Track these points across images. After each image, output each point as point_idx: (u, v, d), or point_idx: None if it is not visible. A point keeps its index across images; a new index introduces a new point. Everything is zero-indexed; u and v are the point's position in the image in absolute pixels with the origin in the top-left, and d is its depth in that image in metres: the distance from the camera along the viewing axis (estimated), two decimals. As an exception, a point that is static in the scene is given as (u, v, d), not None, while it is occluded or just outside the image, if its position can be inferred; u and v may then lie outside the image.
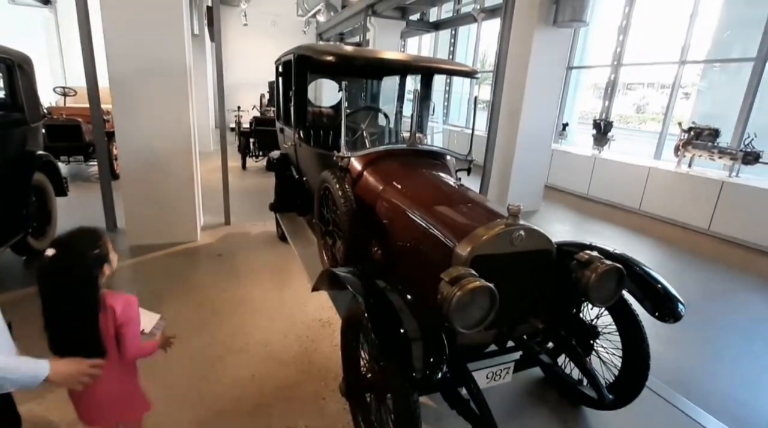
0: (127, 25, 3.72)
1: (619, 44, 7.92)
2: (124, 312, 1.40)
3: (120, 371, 1.48)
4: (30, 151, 3.62)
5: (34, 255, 3.71)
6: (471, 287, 1.50)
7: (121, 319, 1.39)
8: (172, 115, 4.01)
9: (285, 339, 2.76)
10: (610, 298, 1.87)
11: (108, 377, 1.39)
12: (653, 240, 5.52)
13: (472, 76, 2.97)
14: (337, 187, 2.36)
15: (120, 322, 1.39)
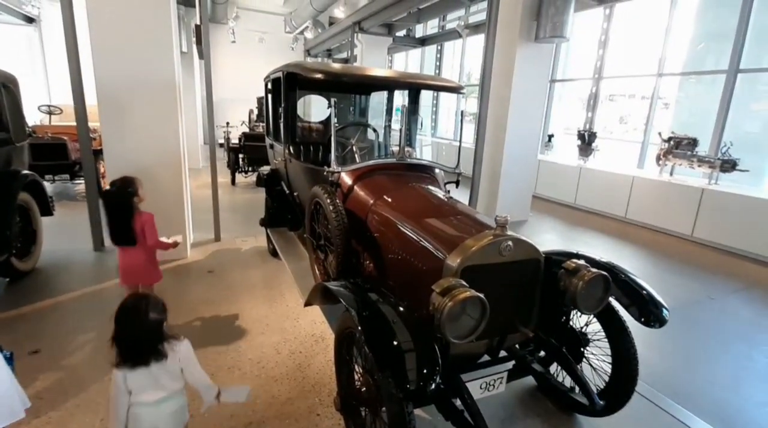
0: (116, 44, 3.75)
1: (599, 58, 8.20)
2: (146, 219, 2.61)
3: (144, 254, 2.67)
4: (14, 170, 3.58)
5: (19, 277, 3.63)
6: (462, 297, 1.53)
7: (144, 222, 2.59)
8: (161, 132, 4.02)
9: (278, 356, 2.74)
10: (597, 305, 1.92)
11: (137, 256, 2.64)
12: (639, 247, 5.63)
13: (457, 91, 3.06)
14: (328, 201, 2.39)
15: (143, 224, 2.58)
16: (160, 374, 1.56)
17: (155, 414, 1.57)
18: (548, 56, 6.26)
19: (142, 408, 1.55)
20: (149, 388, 1.55)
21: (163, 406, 1.59)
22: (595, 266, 1.97)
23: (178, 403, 1.64)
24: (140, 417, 1.55)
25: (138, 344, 1.51)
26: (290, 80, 3.28)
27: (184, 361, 1.62)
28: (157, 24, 3.85)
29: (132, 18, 3.75)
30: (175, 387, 1.62)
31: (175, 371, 1.60)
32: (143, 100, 3.91)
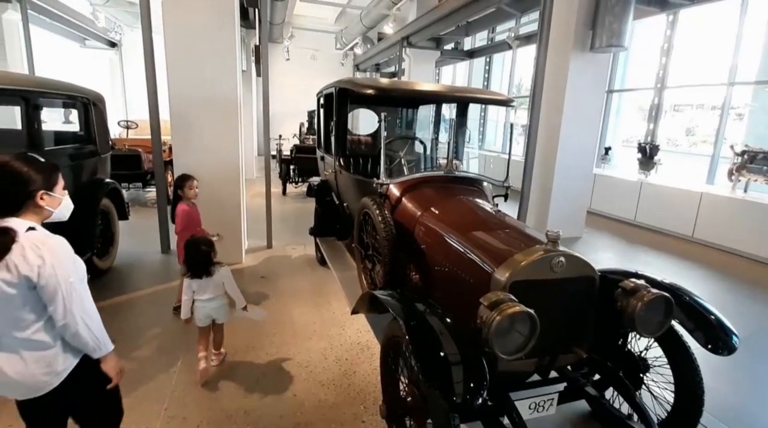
0: (188, 65, 4.12)
1: (661, 67, 7.75)
2: (179, 210, 3.22)
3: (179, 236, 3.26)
4: (99, 178, 4.01)
5: (98, 275, 4.03)
6: (510, 312, 1.51)
7: (177, 213, 3.23)
8: (223, 145, 4.33)
9: (325, 361, 2.82)
10: (658, 329, 1.81)
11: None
12: (707, 268, 5.19)
13: (507, 104, 3.04)
14: (377, 212, 2.46)
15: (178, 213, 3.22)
16: (210, 283, 2.57)
17: (207, 307, 2.58)
18: (605, 66, 6.02)
19: (199, 303, 2.57)
20: (204, 292, 2.57)
21: (211, 303, 2.59)
22: (656, 287, 1.87)
23: (220, 302, 2.64)
24: (198, 309, 2.58)
25: (196, 264, 2.55)
26: (342, 95, 3.43)
27: (225, 278, 2.61)
28: (224, 47, 4.19)
29: (203, 42, 4.11)
30: (218, 293, 2.62)
31: (218, 283, 2.60)
32: (209, 116, 4.25)
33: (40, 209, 1.38)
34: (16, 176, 1.33)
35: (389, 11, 10.66)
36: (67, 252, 1.35)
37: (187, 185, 3.22)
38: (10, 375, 1.33)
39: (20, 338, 1.32)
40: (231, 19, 4.21)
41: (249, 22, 9.94)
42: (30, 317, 1.32)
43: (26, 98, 3.06)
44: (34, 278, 1.26)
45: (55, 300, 1.30)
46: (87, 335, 1.38)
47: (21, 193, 1.34)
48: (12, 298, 1.27)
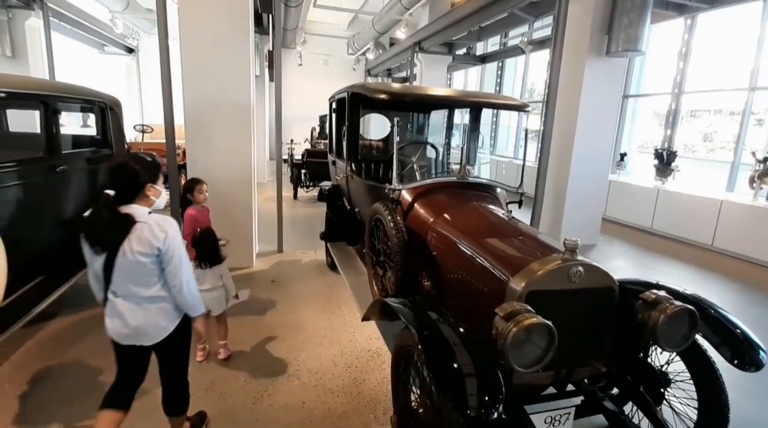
0: (203, 70, 4.16)
1: (679, 71, 7.60)
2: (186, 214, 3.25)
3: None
4: (115, 182, 4.06)
5: (111, 277, 4.07)
6: (527, 323, 1.46)
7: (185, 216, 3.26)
8: (235, 149, 4.36)
9: (335, 368, 2.78)
10: (681, 343, 1.73)
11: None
12: (728, 278, 5.03)
13: (522, 109, 2.99)
14: (389, 218, 2.43)
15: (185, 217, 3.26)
16: (208, 274, 2.72)
17: (204, 297, 2.15)
18: (621, 71, 5.91)
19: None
20: (202, 282, 2.62)
21: (208, 294, 2.62)
22: (679, 298, 1.80)
23: (217, 294, 2.74)
24: None
25: (204, 252, 2.72)
26: (354, 100, 3.42)
27: (223, 271, 2.79)
28: (238, 53, 4.23)
29: (217, 48, 4.15)
30: (216, 284, 2.75)
31: (216, 275, 2.75)
32: (222, 120, 4.28)
33: (147, 198, 1.75)
34: (132, 173, 1.70)
35: (401, 16, 10.68)
36: (177, 230, 1.75)
37: (196, 189, 3.24)
38: (146, 325, 1.75)
39: (146, 295, 1.73)
40: (245, 26, 4.25)
41: (263, 28, 10.05)
42: (155, 278, 1.73)
43: (45, 102, 3.12)
44: (161, 247, 1.67)
45: (170, 263, 1.71)
46: (188, 295, 1.80)
47: (135, 186, 1.71)
48: (144, 264, 1.67)
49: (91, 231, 1.66)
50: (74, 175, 3.45)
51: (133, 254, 1.63)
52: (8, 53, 8.31)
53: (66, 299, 3.42)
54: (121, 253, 1.63)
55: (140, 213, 1.68)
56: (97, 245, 1.65)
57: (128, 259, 1.64)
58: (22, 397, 2.39)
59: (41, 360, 2.76)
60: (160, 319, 1.78)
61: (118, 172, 1.70)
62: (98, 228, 1.65)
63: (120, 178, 1.70)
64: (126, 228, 1.63)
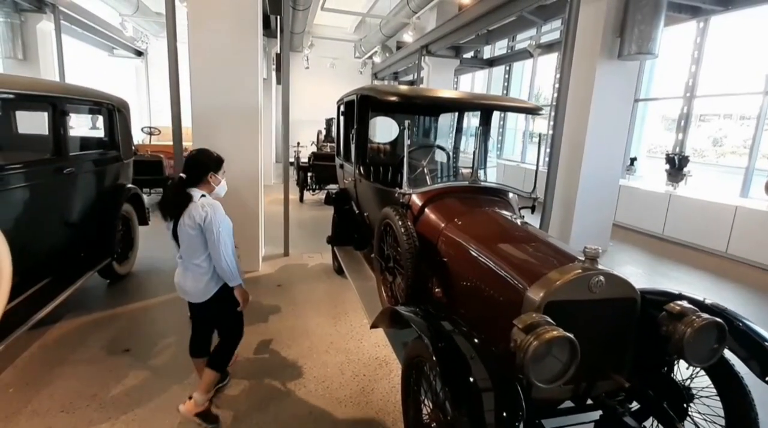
0: (211, 73, 4.14)
1: (691, 75, 7.49)
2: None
3: None
4: (121, 184, 4.04)
5: (117, 280, 4.04)
6: (549, 337, 1.39)
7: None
8: (242, 151, 4.32)
9: (342, 376, 2.72)
10: (708, 358, 1.65)
11: None
12: (744, 287, 4.90)
13: (536, 112, 2.92)
14: (399, 223, 2.37)
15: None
16: None
17: None
18: (633, 74, 5.81)
19: None
20: None
21: None
22: (703, 309, 1.71)
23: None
24: None
25: None
26: (364, 103, 3.37)
27: None
28: (246, 56, 4.20)
29: (226, 51, 4.13)
30: None
31: None
32: (229, 123, 4.25)
33: (208, 184, 2.18)
34: (200, 162, 2.16)
35: (409, 20, 10.66)
36: (220, 212, 2.11)
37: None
38: (190, 286, 2.18)
39: (195, 263, 2.14)
40: (254, 29, 4.22)
41: (270, 31, 10.07)
42: (200, 249, 2.12)
43: (53, 104, 3.10)
44: (201, 224, 2.05)
45: (210, 239, 2.08)
46: (226, 267, 2.14)
47: (201, 173, 2.14)
48: (193, 237, 2.08)
49: (162, 202, 2.15)
50: (81, 176, 3.43)
51: (185, 226, 2.06)
52: (20, 56, 8.40)
53: (71, 302, 3.39)
54: (180, 224, 2.08)
55: (196, 195, 2.10)
56: (163, 213, 2.13)
57: (182, 230, 2.08)
58: (26, 402, 2.35)
59: (46, 364, 2.72)
60: (201, 283, 2.17)
61: (191, 161, 2.16)
62: (164, 202, 2.14)
63: (191, 165, 2.15)
64: (184, 204, 2.06)
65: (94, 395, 2.43)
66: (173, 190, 2.11)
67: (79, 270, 3.41)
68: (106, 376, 2.60)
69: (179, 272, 2.22)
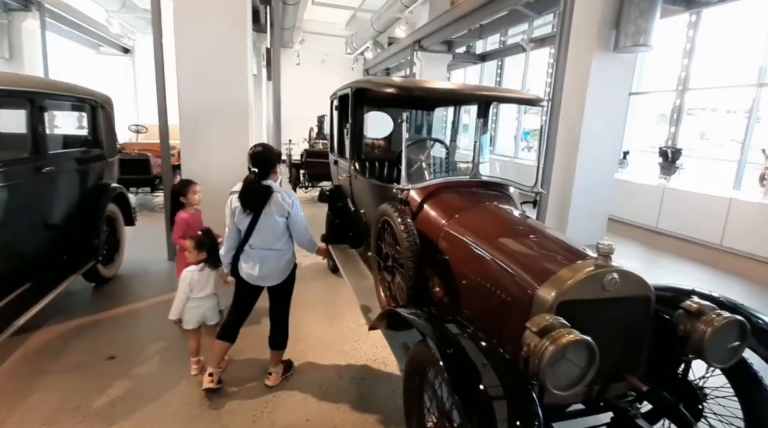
0: (198, 69, 4.00)
1: (683, 68, 7.47)
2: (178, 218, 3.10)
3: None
4: (105, 183, 3.87)
5: (103, 283, 3.88)
6: (565, 341, 1.30)
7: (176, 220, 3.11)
8: (232, 149, 4.18)
9: (339, 380, 2.61)
10: (730, 358, 1.57)
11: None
12: (742, 280, 4.90)
13: (536, 103, 2.83)
14: (399, 220, 2.26)
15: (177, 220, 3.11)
16: (211, 278, 2.54)
17: (202, 306, 2.55)
18: (629, 67, 5.76)
19: (194, 302, 2.52)
20: (203, 288, 2.52)
21: (206, 302, 2.56)
22: (720, 307, 1.64)
23: (214, 301, 2.60)
24: (191, 309, 2.52)
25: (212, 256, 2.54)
26: (358, 96, 3.25)
27: (215, 275, 2.59)
28: (235, 52, 4.07)
29: (214, 46, 3.99)
30: (214, 291, 2.57)
31: (217, 279, 2.59)
32: (218, 120, 4.11)
33: (275, 174, 2.39)
34: (269, 157, 2.36)
35: (401, 14, 10.54)
36: (296, 197, 2.41)
37: (189, 190, 3.07)
38: (272, 270, 2.40)
39: (277, 247, 2.38)
40: (243, 24, 4.08)
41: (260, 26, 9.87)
42: (282, 234, 2.38)
43: (32, 100, 2.93)
44: (290, 210, 2.33)
45: (296, 223, 2.39)
46: (307, 243, 2.53)
47: (270, 166, 2.35)
48: (280, 223, 2.34)
49: (246, 199, 2.26)
50: (62, 176, 3.26)
51: (272, 215, 2.28)
52: (6, 55, 8.18)
53: (54, 307, 3.23)
54: (264, 214, 2.27)
55: (275, 186, 2.33)
56: (249, 208, 2.27)
57: (269, 219, 2.29)
58: (6, 415, 2.20)
59: (26, 373, 2.57)
60: (283, 264, 2.42)
61: (260, 157, 2.32)
62: (251, 196, 2.26)
63: (262, 160, 2.32)
64: (268, 196, 2.28)
65: (77, 406, 2.29)
66: (256, 186, 2.26)
67: (62, 273, 3.24)
68: (90, 386, 2.46)
69: (250, 262, 2.36)
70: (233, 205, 2.30)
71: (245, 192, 2.27)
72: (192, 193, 3.08)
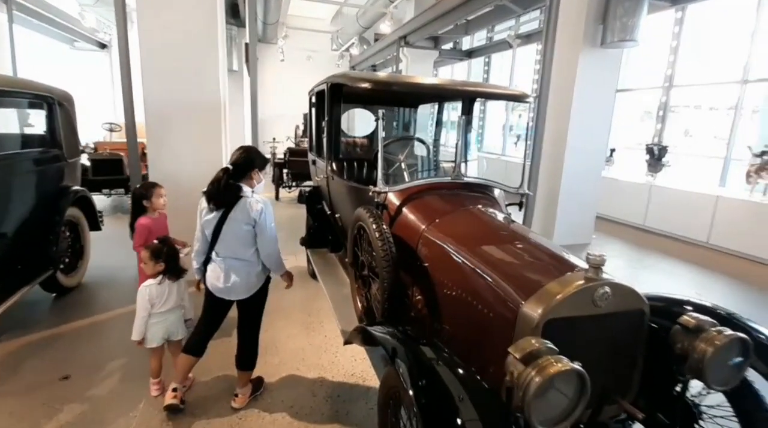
0: (165, 64, 3.73)
1: (669, 65, 7.43)
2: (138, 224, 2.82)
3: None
4: (65, 186, 3.62)
5: (64, 293, 3.63)
6: (553, 371, 1.13)
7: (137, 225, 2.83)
8: (204, 149, 3.94)
9: (313, 399, 2.42)
10: (732, 379, 1.43)
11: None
12: (728, 277, 4.84)
13: (522, 100, 2.67)
14: (374, 227, 2.08)
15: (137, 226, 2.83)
16: (174, 290, 2.34)
17: (167, 321, 2.34)
18: (616, 63, 5.66)
19: (157, 317, 2.31)
20: (166, 301, 2.31)
21: (171, 315, 2.36)
22: (719, 320, 1.50)
23: (179, 314, 2.40)
24: (154, 325, 2.31)
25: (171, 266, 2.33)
26: (335, 91, 3.05)
27: (182, 287, 2.40)
28: (206, 44, 3.81)
29: (182, 38, 3.73)
30: (178, 303, 2.38)
31: (181, 290, 2.39)
32: (188, 118, 3.86)
33: (251, 179, 2.21)
34: (248, 158, 2.19)
35: (386, 9, 10.33)
36: (270, 209, 2.18)
37: (153, 193, 2.80)
38: (238, 282, 2.18)
39: (244, 259, 2.18)
40: (213, 13, 3.83)
41: (240, 20, 9.57)
42: (250, 244, 2.18)
43: (-24, 96, 2.68)
44: (257, 219, 2.11)
45: (263, 234, 2.15)
46: (274, 259, 2.26)
47: (248, 168, 2.18)
48: (245, 231, 2.13)
49: (211, 192, 2.12)
50: (13, 178, 3.01)
51: (237, 221, 2.10)
52: (-29, 52, 7.70)
53: (7, 320, 2.99)
54: (229, 219, 2.11)
55: (246, 190, 2.15)
56: (213, 202, 2.11)
57: (233, 225, 2.11)
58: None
59: (-34, 398, 2.33)
60: (252, 277, 2.22)
61: (239, 157, 2.19)
62: (215, 190, 2.11)
63: (239, 160, 2.18)
64: (235, 194, 2.11)
65: (25, 435, 2.07)
66: (224, 181, 2.10)
67: (15, 284, 3.00)
68: (39, 412, 2.24)
69: (217, 271, 2.19)
70: (202, 204, 2.18)
71: (211, 185, 2.13)
72: (157, 197, 2.80)
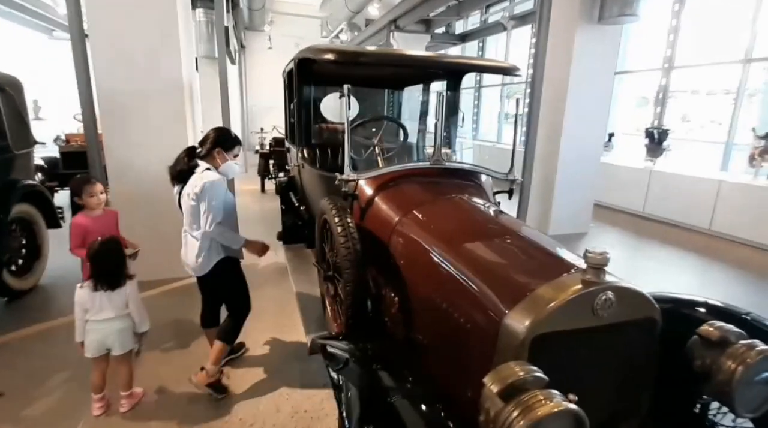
0: (116, 45, 3.41)
1: (669, 45, 7.10)
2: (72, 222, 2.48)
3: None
4: (11, 180, 3.29)
5: (16, 296, 3.32)
6: (542, 414, 0.85)
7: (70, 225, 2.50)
8: (165, 138, 3.61)
9: (277, 415, 2.15)
10: (763, 403, 1.16)
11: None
12: (731, 266, 4.59)
13: (511, 73, 2.36)
14: (336, 220, 1.78)
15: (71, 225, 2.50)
16: (111, 298, 2.06)
17: (103, 330, 2.07)
18: (615, 41, 5.31)
19: (93, 324, 2.06)
20: (100, 309, 2.05)
21: (110, 325, 2.08)
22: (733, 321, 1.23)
23: (122, 325, 2.11)
24: (91, 332, 2.06)
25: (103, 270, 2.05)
26: (303, 69, 2.73)
27: (130, 294, 2.12)
28: (162, 25, 3.47)
29: (136, 24, 3.40)
30: (120, 312, 2.09)
31: (122, 299, 2.09)
32: (146, 105, 3.54)
33: (214, 159, 2.21)
34: (211, 137, 2.23)
35: (374, -9, 9.89)
36: (216, 187, 2.09)
37: (84, 192, 2.38)
38: (190, 259, 2.20)
39: (193, 235, 2.18)
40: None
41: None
42: (198, 221, 2.12)
43: None
44: (198, 193, 2.06)
45: (202, 209, 2.08)
46: (221, 238, 2.17)
47: (210, 147, 2.20)
48: (193, 207, 2.12)
49: (171, 168, 2.22)
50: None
51: (187, 196, 2.11)
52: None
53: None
54: (183, 194, 2.15)
55: (201, 167, 2.14)
56: (171, 177, 2.22)
57: (185, 199, 2.14)
58: None
59: None
60: (200, 257, 2.16)
61: (205, 136, 2.23)
62: (174, 165, 2.21)
63: (203, 139, 2.23)
64: (187, 168, 2.16)
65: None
66: (182, 158, 2.18)
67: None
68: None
69: (183, 245, 2.25)
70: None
71: (174, 162, 2.23)
72: (88, 196, 2.39)
